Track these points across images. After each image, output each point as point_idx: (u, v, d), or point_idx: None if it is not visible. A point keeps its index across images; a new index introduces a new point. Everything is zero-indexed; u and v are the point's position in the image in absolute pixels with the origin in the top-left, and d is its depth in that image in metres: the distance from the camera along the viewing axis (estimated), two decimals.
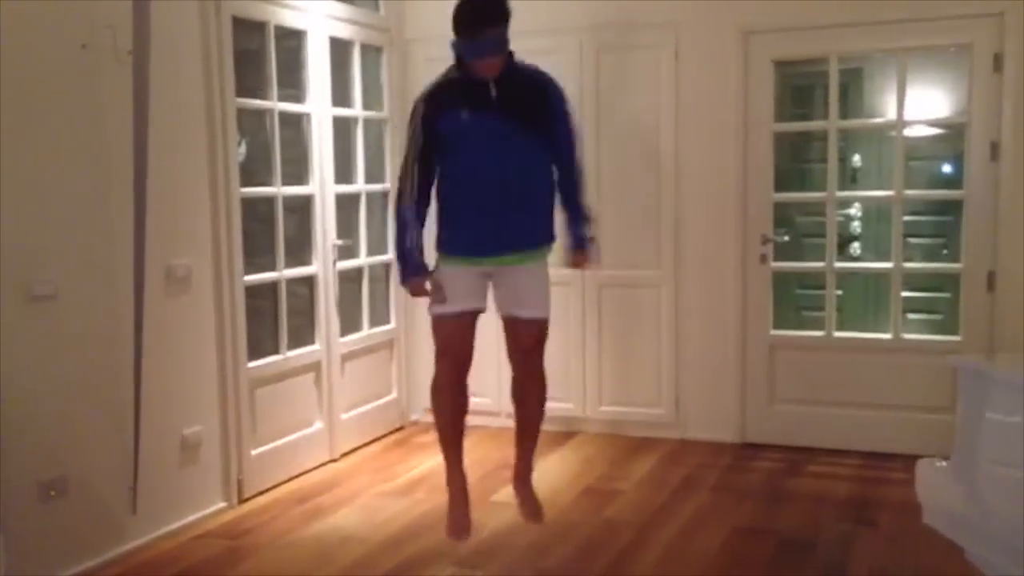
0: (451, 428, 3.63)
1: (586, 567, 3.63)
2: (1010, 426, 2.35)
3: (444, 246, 3.48)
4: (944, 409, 4.47)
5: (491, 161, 3.31)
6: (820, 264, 5.09)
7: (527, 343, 3.56)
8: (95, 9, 3.58)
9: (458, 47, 3.27)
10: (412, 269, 3.44)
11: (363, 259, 5.35)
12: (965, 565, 2.61)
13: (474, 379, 5.55)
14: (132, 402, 3.75)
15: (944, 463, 2.55)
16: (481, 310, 3.55)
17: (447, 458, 3.64)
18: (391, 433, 5.52)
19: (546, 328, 3.58)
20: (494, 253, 3.43)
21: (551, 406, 5.41)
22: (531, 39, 5.34)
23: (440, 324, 3.50)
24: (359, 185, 5.31)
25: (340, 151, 5.10)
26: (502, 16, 3.23)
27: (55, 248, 3.48)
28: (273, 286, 4.66)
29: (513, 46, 3.54)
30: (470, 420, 5.52)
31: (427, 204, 3.43)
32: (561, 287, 5.40)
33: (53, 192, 3.46)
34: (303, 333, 4.91)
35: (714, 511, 4.20)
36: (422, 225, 3.42)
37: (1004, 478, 2.27)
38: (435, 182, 3.43)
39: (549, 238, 3.53)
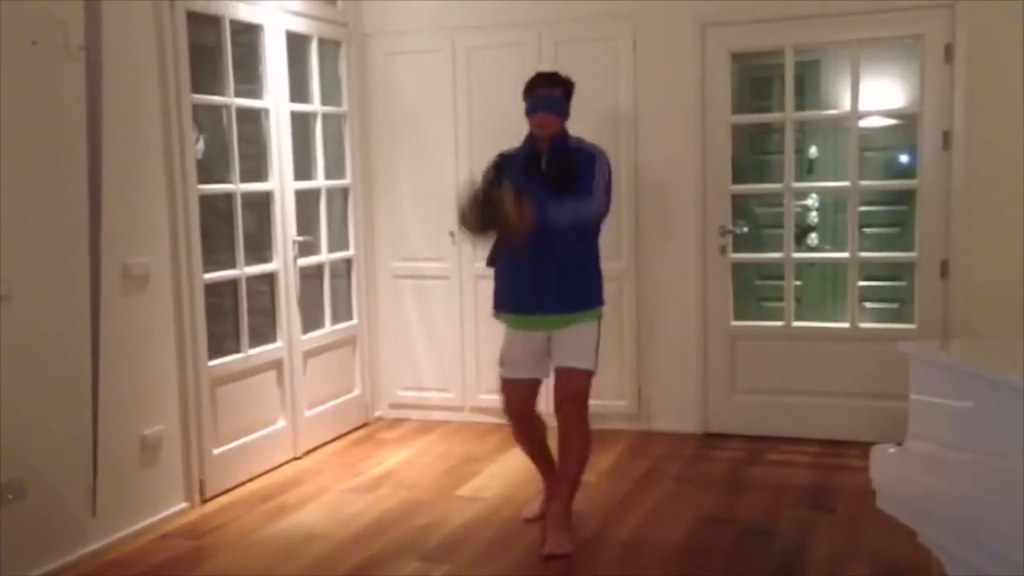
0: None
1: (550, 559, 3.64)
2: (957, 411, 2.40)
3: (496, 306, 3.87)
4: (900, 396, 4.50)
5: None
6: (778, 255, 5.15)
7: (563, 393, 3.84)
8: (45, 4, 3.52)
9: (526, 107, 3.72)
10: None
11: (324, 255, 5.32)
12: (918, 548, 2.67)
13: (439, 375, 5.62)
14: (90, 403, 3.71)
15: (896, 449, 2.60)
16: (538, 379, 3.92)
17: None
18: (355, 430, 5.51)
19: (585, 381, 3.83)
20: (535, 313, 3.74)
21: None
22: (491, 33, 5.38)
23: (504, 385, 3.92)
24: (319, 181, 5.28)
25: (299, 147, 5.07)
26: (555, 81, 3.76)
27: (9, 248, 3.42)
28: (233, 284, 4.63)
29: (472, 40, 3.53)
30: (435, 415, 5.60)
31: None
32: None
33: (6, 191, 3.40)
34: (264, 331, 4.87)
35: (676, 501, 4.24)
36: None
37: (953, 462, 2.32)
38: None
39: (592, 302, 3.82)
